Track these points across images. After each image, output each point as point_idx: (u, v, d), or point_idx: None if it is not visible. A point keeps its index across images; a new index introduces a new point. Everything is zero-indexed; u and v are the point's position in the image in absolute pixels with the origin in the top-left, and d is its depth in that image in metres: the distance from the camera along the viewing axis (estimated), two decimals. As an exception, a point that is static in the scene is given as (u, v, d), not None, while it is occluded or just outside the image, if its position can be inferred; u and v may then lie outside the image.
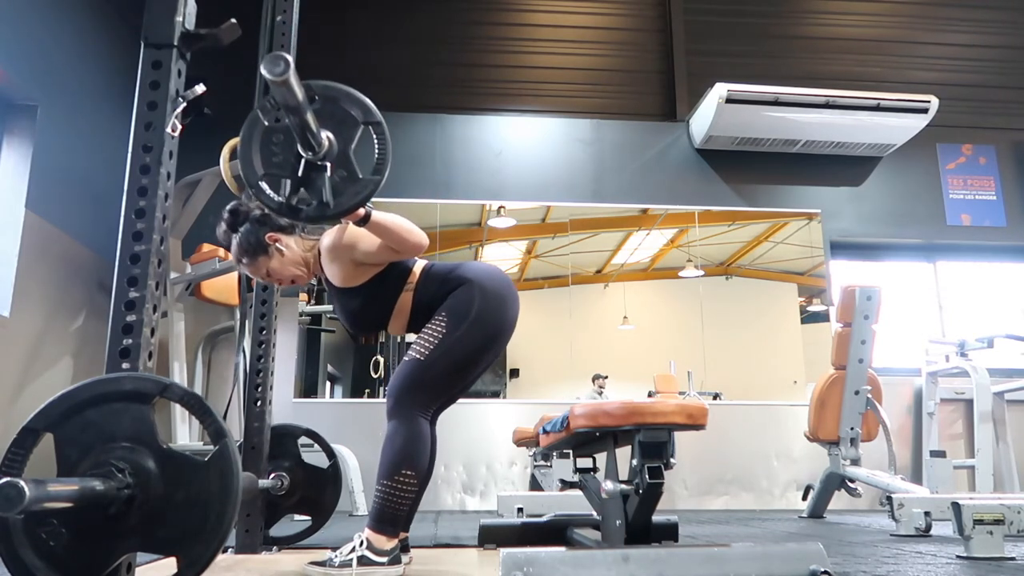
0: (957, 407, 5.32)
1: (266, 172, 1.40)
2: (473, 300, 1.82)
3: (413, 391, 1.80)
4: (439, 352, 1.79)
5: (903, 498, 2.97)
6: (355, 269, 1.87)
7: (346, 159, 1.41)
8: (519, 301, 1.94)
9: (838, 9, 6.17)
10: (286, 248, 1.93)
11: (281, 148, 1.40)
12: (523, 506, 3.40)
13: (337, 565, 1.71)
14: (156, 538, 1.12)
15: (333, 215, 1.42)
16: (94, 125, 4.39)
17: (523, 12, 6.03)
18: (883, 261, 5.90)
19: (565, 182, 5.63)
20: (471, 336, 1.81)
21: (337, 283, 1.90)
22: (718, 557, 1.43)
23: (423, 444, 1.79)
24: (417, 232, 1.80)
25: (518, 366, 5.27)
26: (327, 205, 1.40)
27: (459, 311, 1.82)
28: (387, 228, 1.75)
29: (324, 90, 1.41)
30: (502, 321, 1.86)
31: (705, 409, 1.59)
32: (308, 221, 1.43)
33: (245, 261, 1.96)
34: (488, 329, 1.83)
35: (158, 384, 1.16)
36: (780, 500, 5.00)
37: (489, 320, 1.83)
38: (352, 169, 1.41)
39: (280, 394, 3.44)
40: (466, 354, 1.82)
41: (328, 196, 1.39)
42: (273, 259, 1.94)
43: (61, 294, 4.09)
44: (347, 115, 1.41)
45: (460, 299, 1.83)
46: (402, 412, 1.79)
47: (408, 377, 1.80)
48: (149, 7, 1.34)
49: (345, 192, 1.41)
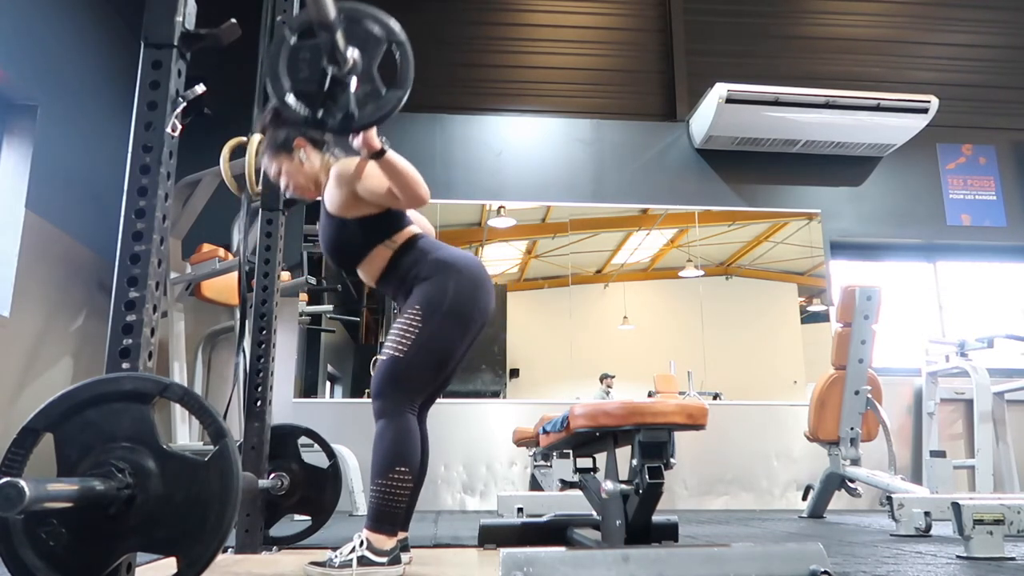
0: (957, 407, 5.32)
1: (294, 87, 1.46)
2: (446, 292, 1.83)
3: (396, 388, 1.81)
4: (416, 346, 1.80)
5: (903, 498, 2.97)
6: (352, 201, 1.89)
7: (370, 75, 1.46)
8: (493, 288, 1.96)
9: (838, 9, 6.17)
10: (307, 158, 1.98)
11: (307, 64, 1.46)
12: (523, 506, 3.40)
13: (337, 565, 1.71)
14: (156, 538, 1.12)
15: (358, 127, 1.48)
16: (94, 125, 4.39)
17: (523, 12, 6.03)
18: (883, 261, 5.90)
19: (565, 182, 5.63)
20: (446, 327, 1.82)
21: (331, 208, 1.93)
22: (718, 557, 1.43)
23: (413, 439, 1.80)
24: (423, 185, 1.81)
25: (518, 366, 5.27)
26: (352, 117, 1.46)
27: (432, 303, 1.82)
28: (397, 169, 1.77)
29: (351, 11, 1.46)
30: (475, 310, 1.87)
31: (705, 409, 1.59)
32: (334, 132, 1.50)
33: (268, 155, 2.02)
34: (462, 319, 1.85)
35: (158, 384, 1.16)
36: (780, 500, 5.00)
37: (463, 310, 1.84)
38: (376, 84, 1.47)
39: (280, 394, 3.44)
40: (443, 345, 1.83)
41: (354, 108, 1.45)
42: (292, 162, 1.99)
43: (61, 294, 4.09)
44: (371, 34, 1.47)
45: (433, 290, 1.84)
46: (388, 410, 1.80)
47: (389, 375, 1.81)
48: (149, 7, 1.34)
49: (369, 106, 1.47)
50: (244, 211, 2.37)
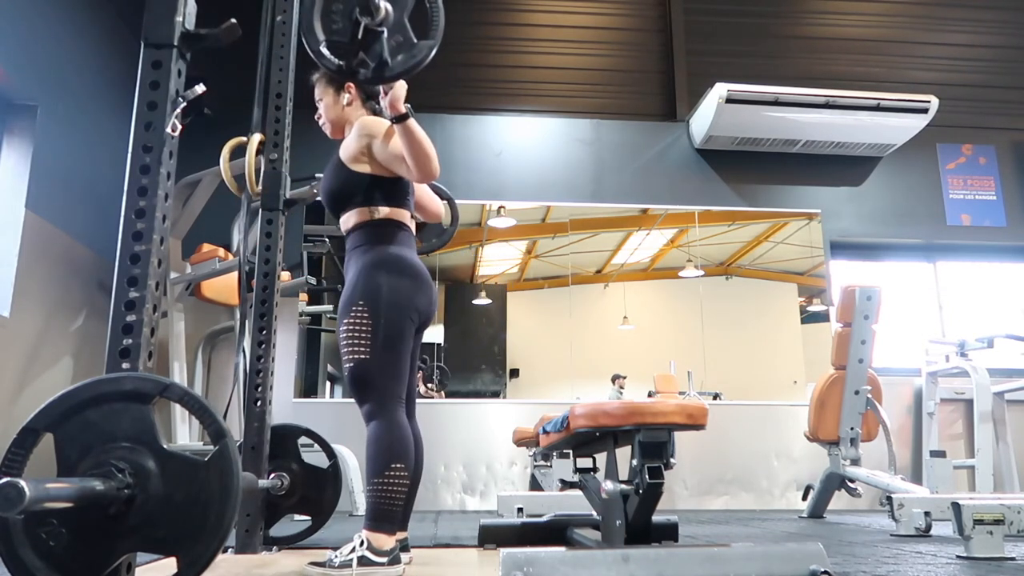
0: (957, 407, 5.32)
1: (327, 38, 1.50)
2: (382, 284, 1.87)
3: (376, 388, 1.83)
4: (376, 343, 1.83)
5: (903, 498, 2.97)
6: (363, 155, 1.95)
7: (402, 25, 1.51)
8: (433, 290, 2.02)
9: (838, 9, 6.17)
10: (349, 103, 2.07)
11: (340, 16, 1.50)
12: (523, 506, 3.40)
13: (337, 565, 1.71)
14: (156, 538, 1.12)
15: (392, 76, 1.52)
16: (94, 125, 4.39)
17: (523, 12, 6.03)
18: (883, 261, 5.90)
19: (565, 182, 5.63)
20: (392, 317, 1.86)
21: (343, 155, 1.98)
22: (718, 557, 1.43)
23: (404, 434, 1.82)
24: (435, 160, 1.85)
25: (518, 366, 5.27)
26: (386, 64, 1.50)
27: (373, 297, 1.86)
28: (415, 137, 1.80)
29: None
30: (411, 306, 1.91)
31: (705, 409, 1.59)
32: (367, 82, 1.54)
33: (321, 81, 2.10)
34: (402, 312, 1.88)
35: (158, 384, 1.16)
36: (780, 500, 5.00)
37: (400, 303, 1.88)
38: (408, 35, 1.51)
39: (280, 394, 3.44)
40: (396, 333, 1.86)
41: (387, 56, 1.49)
42: (335, 99, 2.08)
43: (61, 294, 4.09)
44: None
45: (372, 285, 1.87)
46: (376, 411, 1.82)
47: (363, 379, 1.84)
48: (149, 7, 1.34)
49: (400, 56, 1.50)
50: (244, 211, 2.37)
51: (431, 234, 2.84)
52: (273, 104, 2.39)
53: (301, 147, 3.47)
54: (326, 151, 2.17)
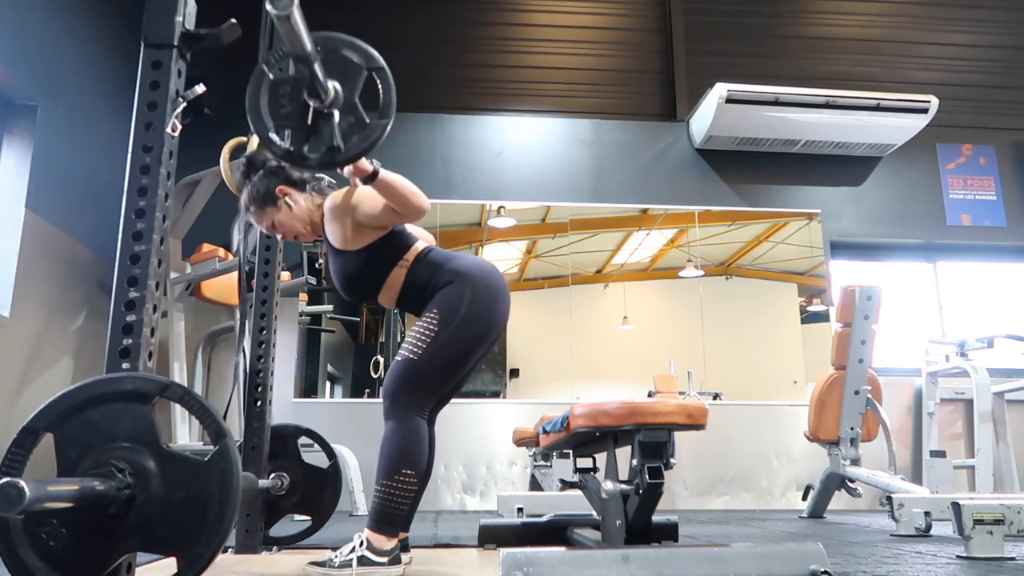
0: (957, 407, 5.32)
1: (275, 123, 1.43)
2: (463, 297, 1.83)
3: (408, 390, 1.81)
4: (432, 350, 1.80)
5: (903, 498, 2.97)
6: (355, 232, 1.88)
7: (353, 106, 1.44)
8: (510, 296, 1.96)
9: (838, 9, 6.17)
10: (294, 203, 1.96)
11: (288, 99, 1.43)
12: (523, 506, 3.40)
13: (337, 565, 1.71)
14: (156, 538, 1.12)
15: (344, 160, 1.45)
16: (94, 125, 4.39)
17: (523, 12, 6.03)
18: (883, 261, 5.90)
19: (565, 182, 5.63)
20: (462, 333, 1.82)
21: (336, 244, 1.91)
22: (718, 557, 1.43)
23: (421, 443, 1.80)
24: (421, 195, 1.81)
25: (518, 366, 5.27)
26: (337, 150, 1.43)
27: (450, 308, 1.82)
28: (393, 187, 1.76)
29: (326, 40, 1.43)
30: (493, 317, 1.87)
31: (705, 409, 1.59)
32: (319, 167, 1.46)
33: (253, 210, 1.98)
34: (479, 325, 1.84)
35: (158, 384, 1.16)
36: (780, 500, 5.00)
37: (480, 317, 1.84)
38: (359, 115, 1.44)
39: (280, 394, 3.44)
40: (458, 351, 1.83)
41: (338, 141, 1.43)
42: (280, 212, 1.96)
43: (61, 294, 4.09)
44: (350, 63, 1.44)
45: (451, 296, 1.84)
46: (398, 412, 1.80)
47: (402, 377, 1.81)
48: (149, 7, 1.34)
49: (354, 137, 1.44)
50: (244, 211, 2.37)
51: None
52: (273, 104, 2.39)
53: (301, 147, 3.46)
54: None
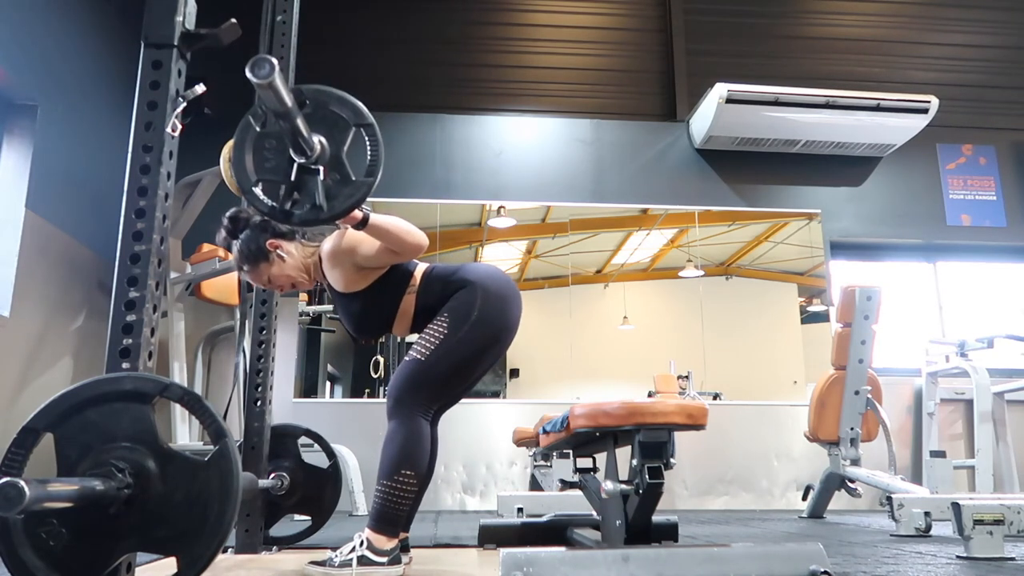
0: (957, 407, 5.32)
1: (260, 178, 1.39)
2: (475, 302, 1.82)
3: (413, 391, 1.80)
4: (440, 353, 1.80)
5: (903, 498, 2.97)
6: (356, 274, 1.87)
7: (339, 162, 1.40)
8: (521, 302, 1.94)
9: (838, 9, 6.17)
10: (287, 255, 1.93)
11: (274, 153, 1.39)
12: (523, 506, 3.40)
13: (337, 565, 1.71)
14: (156, 538, 1.12)
15: (327, 218, 1.42)
16: (94, 125, 4.39)
17: (523, 12, 6.03)
18: (883, 261, 5.90)
19: (565, 182, 5.63)
20: (473, 337, 1.81)
21: (339, 288, 1.90)
22: (718, 557, 1.43)
23: (423, 444, 1.79)
24: (416, 233, 1.79)
25: (518, 366, 5.27)
26: (321, 208, 1.39)
27: (461, 312, 1.82)
28: (386, 230, 1.75)
29: (315, 94, 1.40)
30: (504, 322, 1.86)
31: (705, 409, 1.59)
32: (302, 224, 1.43)
33: (247, 268, 1.96)
34: (490, 330, 1.83)
35: (158, 384, 1.16)
36: (780, 500, 5.00)
37: (491, 321, 1.83)
38: (345, 172, 1.40)
39: (280, 394, 3.44)
40: (467, 355, 1.82)
41: (321, 200, 1.39)
42: (274, 265, 1.93)
43: (61, 294, 4.09)
44: (338, 118, 1.41)
45: (462, 300, 1.84)
46: (402, 412, 1.79)
47: (409, 377, 1.80)
48: (149, 7, 1.34)
49: (339, 195, 1.40)
50: (244, 211, 2.37)
51: None
52: (273, 104, 2.39)
53: (301, 147, 3.46)
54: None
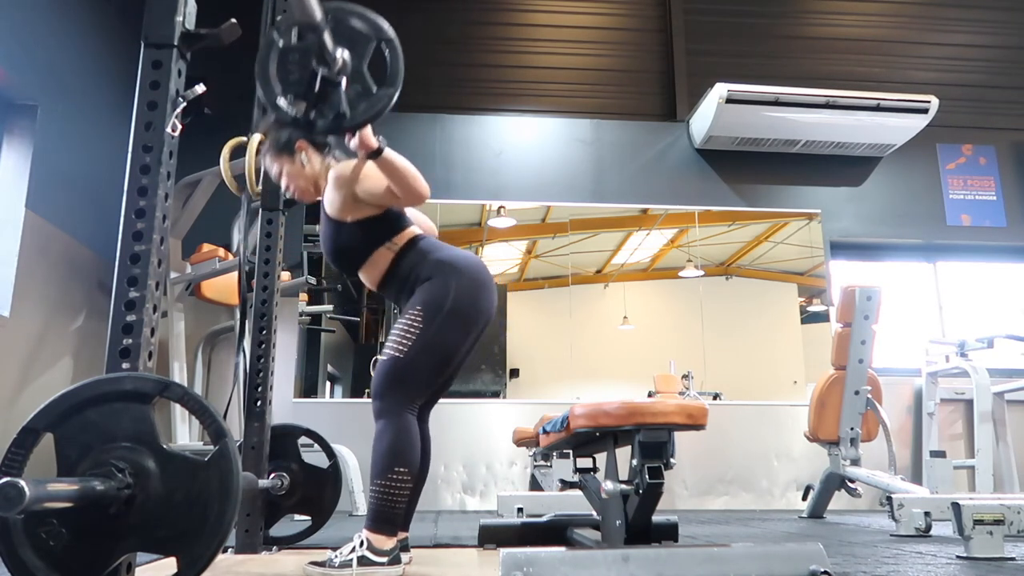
0: (957, 407, 5.32)
1: (284, 90, 1.46)
2: (448, 292, 1.83)
3: (396, 388, 1.81)
4: (418, 347, 1.80)
5: (903, 498, 2.97)
6: (352, 204, 1.89)
7: (360, 75, 1.47)
8: (495, 289, 1.95)
9: (838, 9, 6.17)
10: (308, 161, 1.99)
11: (297, 67, 1.46)
12: (523, 506, 3.40)
13: (337, 565, 1.71)
14: (156, 538, 1.12)
15: (349, 126, 1.49)
16: (94, 125, 4.39)
17: (523, 12, 6.03)
18: (883, 261, 5.90)
19: (565, 182, 5.63)
20: (447, 328, 1.82)
21: (331, 212, 1.93)
22: (718, 557, 1.43)
23: (412, 439, 1.80)
24: (422, 182, 1.82)
25: (518, 366, 5.27)
26: (344, 116, 1.46)
27: (434, 304, 1.82)
28: (396, 167, 1.77)
29: (337, 11, 1.46)
30: (478, 311, 1.87)
31: (705, 409, 1.59)
32: (325, 133, 1.52)
33: (270, 154, 2.03)
34: (464, 320, 1.84)
35: (158, 384, 1.16)
36: (780, 500, 5.00)
37: (465, 311, 1.84)
38: (367, 84, 1.48)
39: (280, 394, 3.44)
40: (444, 346, 1.83)
41: (345, 108, 1.46)
42: (294, 165, 2.00)
43: (61, 294, 4.09)
44: (359, 33, 1.47)
45: (434, 291, 1.83)
46: (388, 410, 1.80)
47: (389, 375, 1.81)
48: (149, 7, 1.34)
49: (360, 105, 1.47)
50: (244, 211, 2.37)
51: None
52: (273, 104, 2.39)
53: (301, 147, 3.46)
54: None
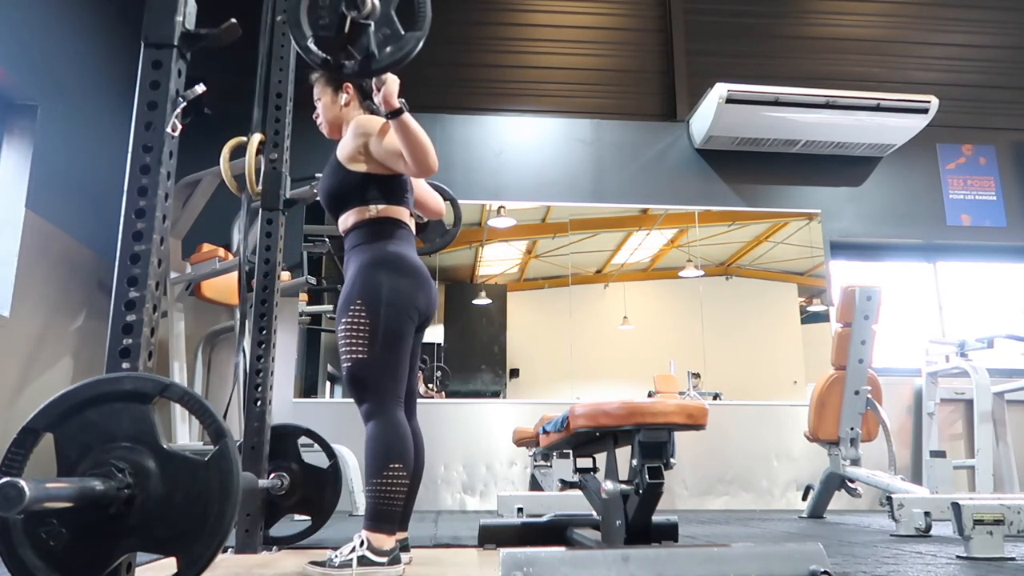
0: (957, 407, 5.32)
1: (314, 33, 1.50)
2: (382, 283, 1.86)
3: (374, 388, 1.82)
4: (375, 342, 1.83)
5: (903, 498, 2.97)
6: (360, 155, 1.94)
7: (389, 18, 1.51)
8: (433, 289, 2.01)
9: (838, 9, 6.17)
10: (347, 103, 2.07)
11: (327, 11, 1.50)
12: (523, 506, 3.40)
13: (337, 565, 1.71)
14: (156, 538, 1.12)
15: (378, 68, 1.52)
16: (94, 125, 4.39)
17: (523, 12, 6.03)
18: (883, 261, 5.90)
19: (565, 182, 5.63)
20: (391, 316, 1.85)
21: (340, 156, 1.98)
22: (718, 557, 1.43)
23: (403, 434, 1.81)
24: (433, 154, 1.85)
25: (518, 366, 5.27)
26: (373, 56, 1.50)
27: (372, 296, 1.85)
28: (411, 131, 1.81)
29: None
30: (411, 305, 1.90)
31: (705, 409, 1.59)
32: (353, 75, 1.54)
33: (320, 81, 2.10)
34: (403, 306, 1.87)
35: (158, 384, 1.16)
36: (780, 500, 5.00)
37: (400, 302, 1.87)
38: (395, 27, 1.51)
39: (280, 394, 3.44)
40: (395, 333, 1.86)
41: (373, 50, 1.50)
42: (333, 99, 2.08)
43: (61, 294, 4.08)
44: None
45: (369, 283, 1.86)
46: (375, 411, 1.82)
47: (361, 378, 1.83)
48: (149, 7, 1.34)
49: (388, 48, 1.51)
50: (244, 211, 2.37)
51: (434, 234, 2.84)
52: (273, 104, 2.40)
53: (301, 147, 3.47)
54: (326, 151, 2.17)
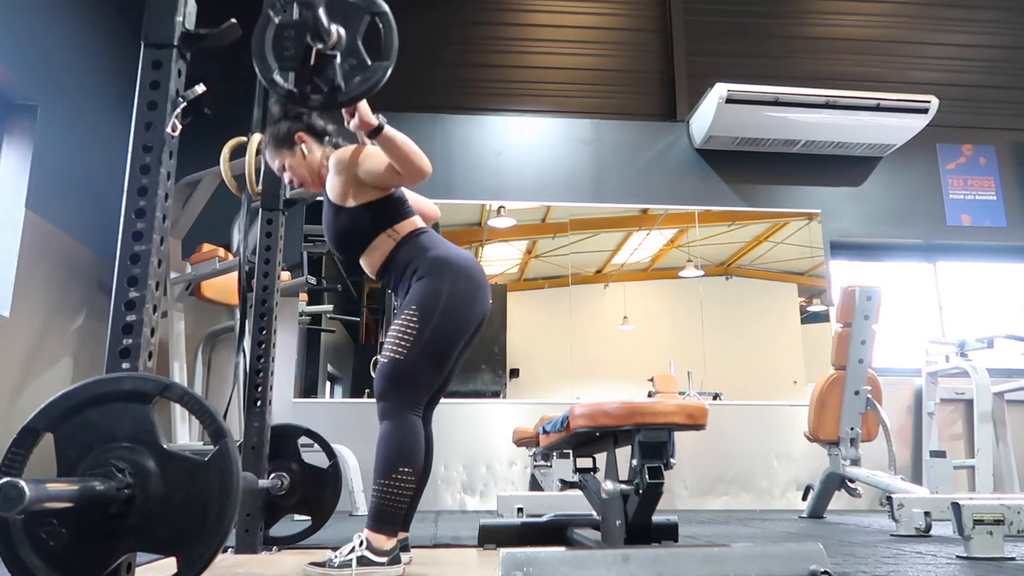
0: (957, 407, 5.32)
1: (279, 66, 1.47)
2: (442, 292, 1.83)
3: (399, 390, 1.81)
4: (416, 348, 1.80)
5: (903, 498, 2.97)
6: (354, 188, 1.90)
7: (355, 48, 1.48)
8: (489, 289, 1.97)
9: (838, 9, 6.17)
10: (309, 152, 2.01)
11: (292, 42, 1.47)
12: (523, 506, 3.40)
13: (337, 565, 1.71)
14: (156, 538, 1.12)
15: (346, 100, 1.49)
16: (94, 125, 4.39)
17: (523, 12, 6.03)
18: (883, 261, 5.90)
19: (565, 182, 5.63)
20: (443, 327, 1.82)
21: (333, 197, 1.93)
22: (718, 557, 1.43)
23: (417, 440, 1.80)
24: (424, 158, 1.83)
25: (518, 366, 5.27)
26: (339, 89, 1.47)
27: (428, 304, 1.82)
28: (396, 144, 1.78)
29: None
30: (472, 310, 1.87)
31: (705, 409, 1.59)
32: (320, 108, 1.51)
33: (270, 149, 2.05)
34: (459, 319, 1.85)
35: (158, 384, 1.16)
36: (780, 500, 5.00)
37: (459, 310, 1.84)
38: (361, 57, 1.48)
39: (280, 394, 3.44)
40: (442, 345, 1.83)
41: (340, 82, 1.47)
42: (295, 157, 2.02)
43: (61, 294, 4.08)
44: (353, 7, 1.48)
45: (428, 291, 1.84)
46: (393, 411, 1.81)
47: (391, 377, 1.81)
48: (149, 7, 1.34)
49: (355, 79, 1.48)
50: (244, 211, 2.37)
51: None
52: (273, 104, 2.39)
53: (301, 147, 3.46)
54: (326, 151, 2.17)
